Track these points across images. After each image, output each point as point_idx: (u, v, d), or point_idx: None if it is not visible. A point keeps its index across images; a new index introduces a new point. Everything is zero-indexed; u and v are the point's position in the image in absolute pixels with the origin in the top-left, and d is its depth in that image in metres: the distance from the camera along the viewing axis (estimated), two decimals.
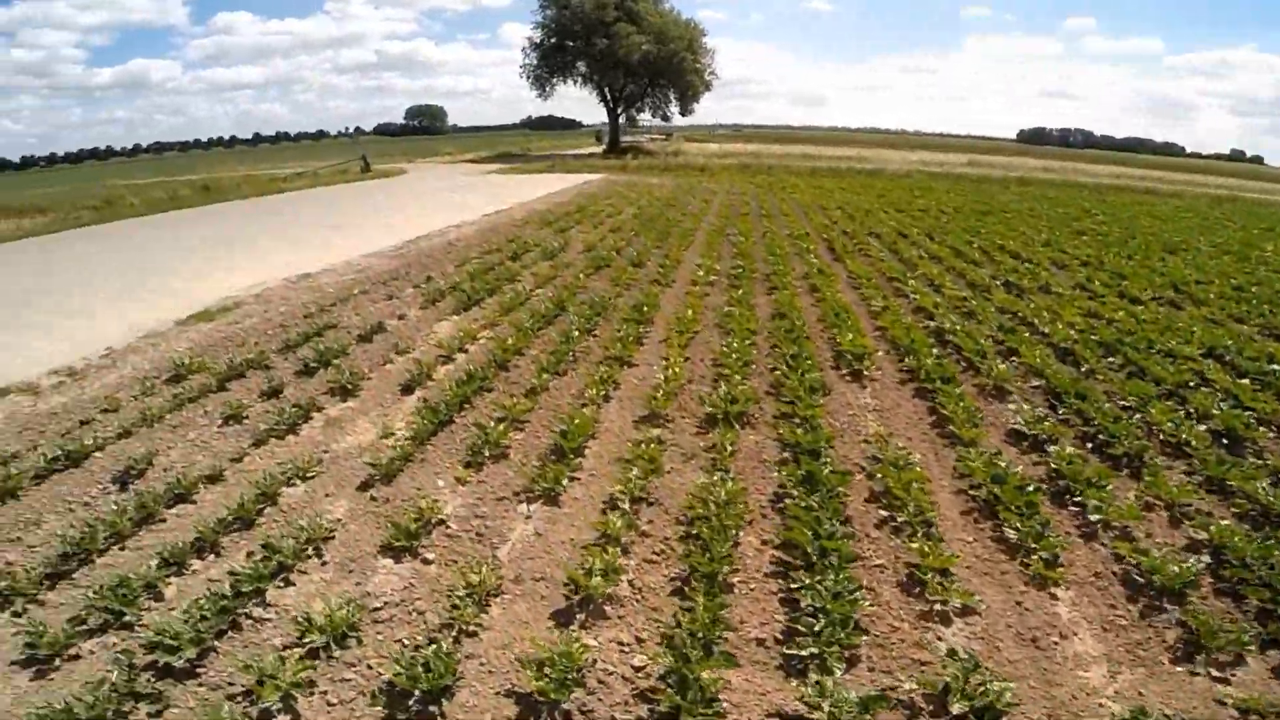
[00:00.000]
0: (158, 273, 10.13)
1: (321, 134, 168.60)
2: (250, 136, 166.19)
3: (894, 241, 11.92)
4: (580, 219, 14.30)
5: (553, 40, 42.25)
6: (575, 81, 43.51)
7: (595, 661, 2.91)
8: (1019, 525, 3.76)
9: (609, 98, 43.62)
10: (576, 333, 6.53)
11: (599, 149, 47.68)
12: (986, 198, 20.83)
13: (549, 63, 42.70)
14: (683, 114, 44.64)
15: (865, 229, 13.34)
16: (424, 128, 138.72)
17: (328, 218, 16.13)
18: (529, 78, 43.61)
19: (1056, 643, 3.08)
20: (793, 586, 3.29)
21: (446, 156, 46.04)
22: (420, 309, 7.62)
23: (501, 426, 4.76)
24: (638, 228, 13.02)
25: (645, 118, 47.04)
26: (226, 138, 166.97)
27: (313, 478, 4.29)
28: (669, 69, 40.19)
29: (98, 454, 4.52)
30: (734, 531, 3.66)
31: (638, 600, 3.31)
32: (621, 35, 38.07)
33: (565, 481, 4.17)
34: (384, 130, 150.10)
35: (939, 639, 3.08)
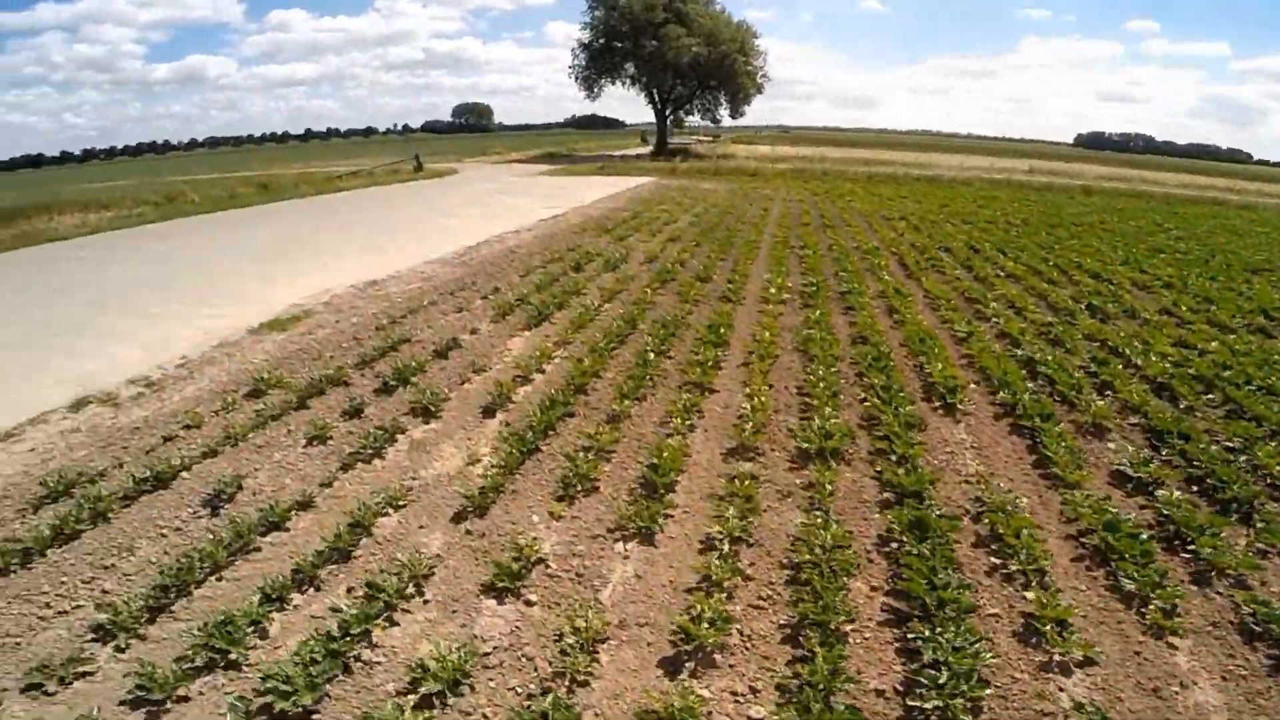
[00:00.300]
0: (225, 276, 10.29)
1: (371, 131, 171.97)
2: (302, 132, 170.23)
3: (967, 257, 11.53)
4: (637, 226, 14.17)
5: (601, 41, 42.25)
6: (623, 83, 43.53)
7: (712, 714, 2.80)
8: (1135, 574, 3.58)
9: (657, 100, 43.50)
10: (652, 355, 6.38)
11: (645, 150, 47.63)
12: (1053, 209, 20.14)
13: (597, 64, 42.71)
14: (733, 116, 44.42)
15: (934, 242, 12.95)
16: (471, 125, 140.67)
17: (386, 220, 16.30)
18: (578, 79, 43.77)
19: (1177, 693, 2.97)
20: (908, 636, 3.17)
21: (495, 156, 46.44)
22: (491, 323, 7.55)
23: (589, 457, 4.63)
24: (698, 237, 12.83)
25: (694, 120, 46.82)
26: (279, 133, 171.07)
27: (404, 507, 4.21)
28: (719, 71, 39.85)
29: (185, 474, 4.50)
30: (843, 577, 3.51)
31: (748, 648, 3.19)
32: (671, 37, 37.86)
33: (660, 520, 4.04)
34: (431, 128, 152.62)
35: (1060, 690, 2.96)
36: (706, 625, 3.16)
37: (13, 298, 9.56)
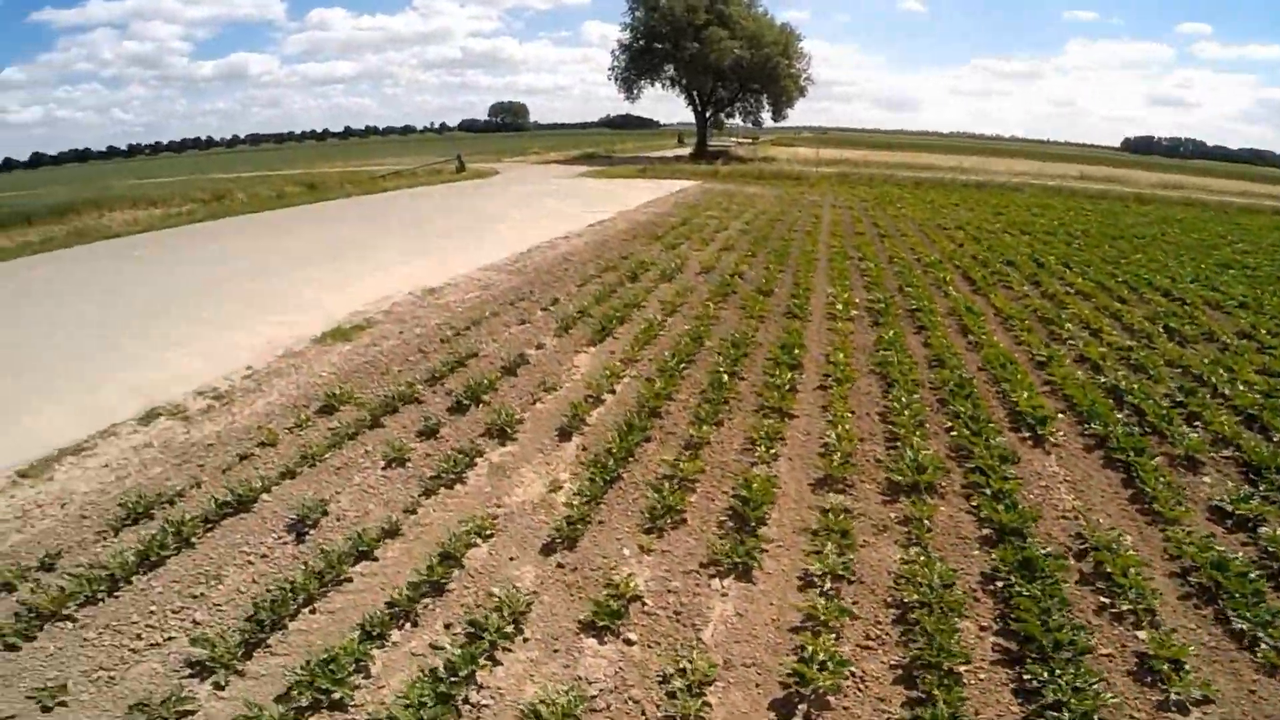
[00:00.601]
0: (281, 280, 10.37)
1: (409, 129, 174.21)
2: (342, 130, 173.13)
3: (1032, 272, 11.16)
4: (687, 234, 14.01)
5: (640, 43, 42.11)
6: (663, 84, 43.37)
7: None
8: (1246, 613, 3.48)
9: (697, 102, 43.23)
10: (725, 376, 6.22)
11: (682, 151, 47.40)
12: (1110, 219, 19.52)
13: (637, 65, 42.58)
14: (775, 119, 44.02)
15: (996, 255, 12.57)
16: (507, 124, 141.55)
17: (435, 223, 16.35)
18: (617, 80, 43.69)
19: None
20: (1024, 677, 3.09)
21: (534, 156, 46.59)
22: (555, 337, 7.45)
23: (673, 487, 4.51)
24: (751, 246, 12.62)
25: (734, 121, 46.46)
26: (319, 130, 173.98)
27: (491, 537, 4.11)
28: (762, 74, 39.45)
29: (265, 496, 4.44)
30: (953, 617, 3.38)
31: (860, 690, 3.10)
32: (713, 39, 37.56)
33: (756, 555, 3.90)
34: (469, 126, 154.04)
35: None
36: (818, 667, 3.07)
37: (74, 298, 9.71)
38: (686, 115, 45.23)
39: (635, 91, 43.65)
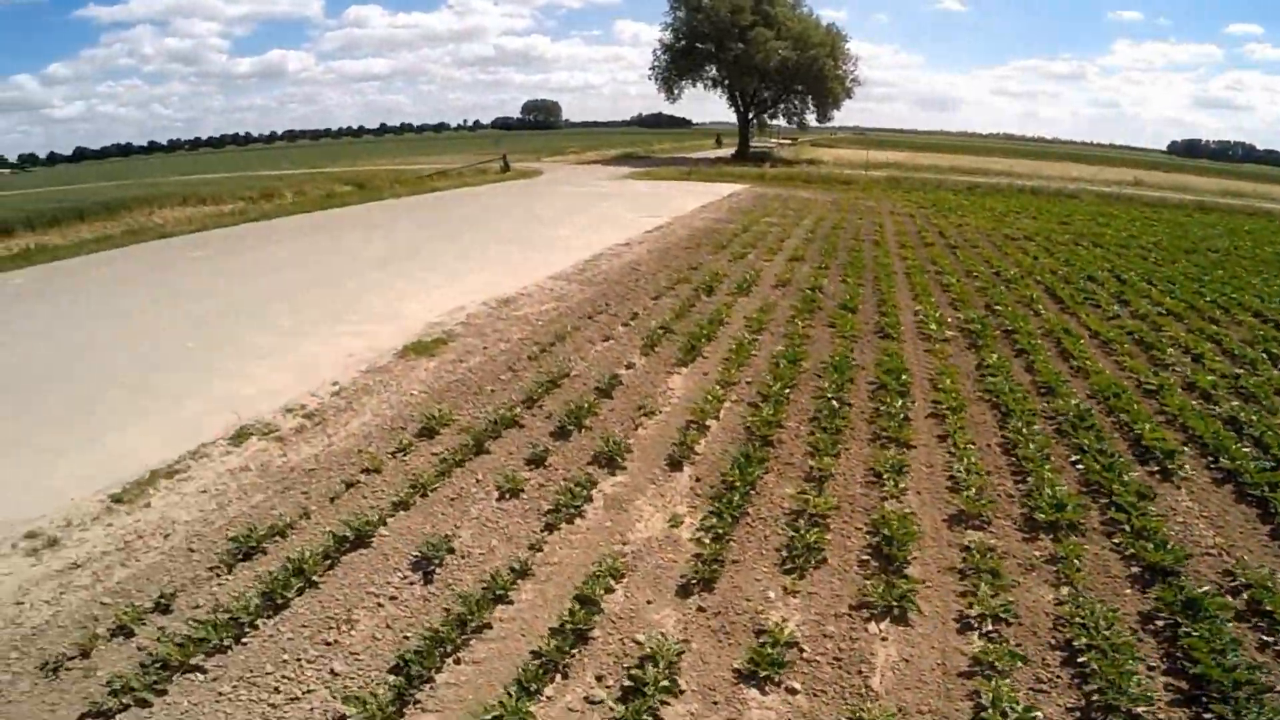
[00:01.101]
0: (348, 285, 10.36)
1: (443, 126, 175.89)
2: (377, 127, 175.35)
3: (1117, 290, 10.69)
4: (751, 242, 13.75)
5: (682, 43, 41.79)
6: (705, 85, 43.02)
7: None
8: None
9: (741, 103, 42.82)
10: (835, 402, 6.00)
11: (721, 152, 47.02)
12: (1178, 230, 18.82)
13: (678, 65, 42.28)
14: (820, 121, 43.45)
15: (1074, 269, 12.11)
16: (539, 123, 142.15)
17: (491, 227, 16.30)
18: (657, 79, 43.42)
19: None
20: (1205, 717, 3.02)
21: (572, 155, 46.62)
22: (642, 355, 7.26)
23: (809, 525, 4.31)
24: (821, 258, 12.32)
25: (779, 122, 45.90)
26: (355, 127, 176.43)
27: (623, 577, 3.93)
28: (808, 75, 38.88)
29: (383, 530, 4.30)
30: (1123, 658, 3.23)
31: None
32: (758, 40, 37.11)
33: (910, 596, 3.73)
34: (501, 124, 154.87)
35: None
36: (1000, 714, 2.96)
37: (141, 302, 9.72)
38: (719, 115, 45.14)
39: (676, 92, 43.40)
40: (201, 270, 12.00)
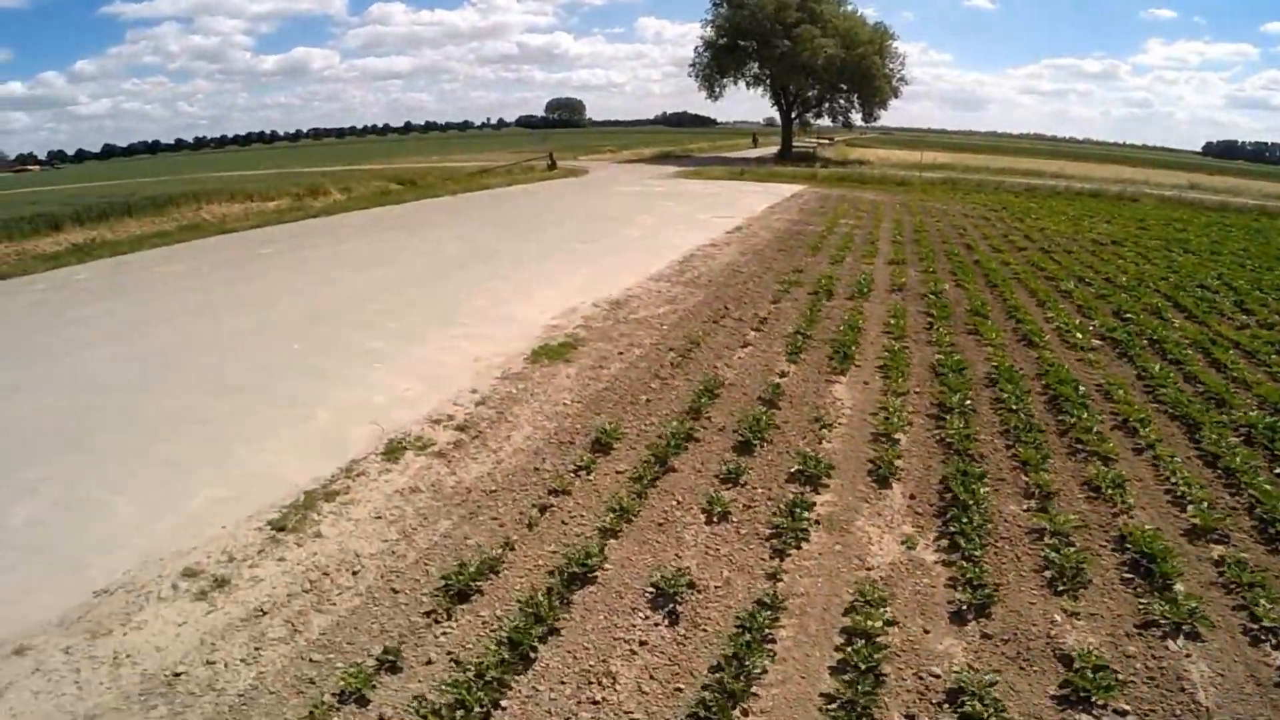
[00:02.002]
0: (442, 285, 10.07)
1: (466, 124, 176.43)
2: (402, 125, 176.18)
3: (1236, 297, 10.06)
4: (842, 244, 13.26)
5: (724, 40, 41.32)
6: (746, 83, 42.50)
7: None
8: None
9: (784, 101, 42.27)
10: (1021, 414, 5.59)
11: (760, 152, 46.50)
12: (1258, 237, 18.01)
13: (720, 63, 41.82)
14: (865, 120, 42.82)
15: (1183, 276, 11.42)
16: (564, 121, 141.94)
17: (561, 225, 15.93)
18: (698, 77, 42.97)
19: None
20: None
21: (607, 154, 46.27)
22: (789, 362, 6.83)
23: (1063, 544, 3.97)
24: (922, 262, 11.81)
25: (824, 121, 45.33)
26: (379, 125, 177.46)
27: (885, 605, 3.53)
28: (856, 74, 38.29)
29: (606, 565, 3.87)
30: None
31: None
32: (805, 38, 36.56)
33: (1200, 615, 3.46)
34: (525, 122, 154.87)
35: None
36: None
37: (226, 299, 9.45)
38: (743, 114, 44.82)
39: (717, 89, 42.90)
40: (276, 268, 11.72)
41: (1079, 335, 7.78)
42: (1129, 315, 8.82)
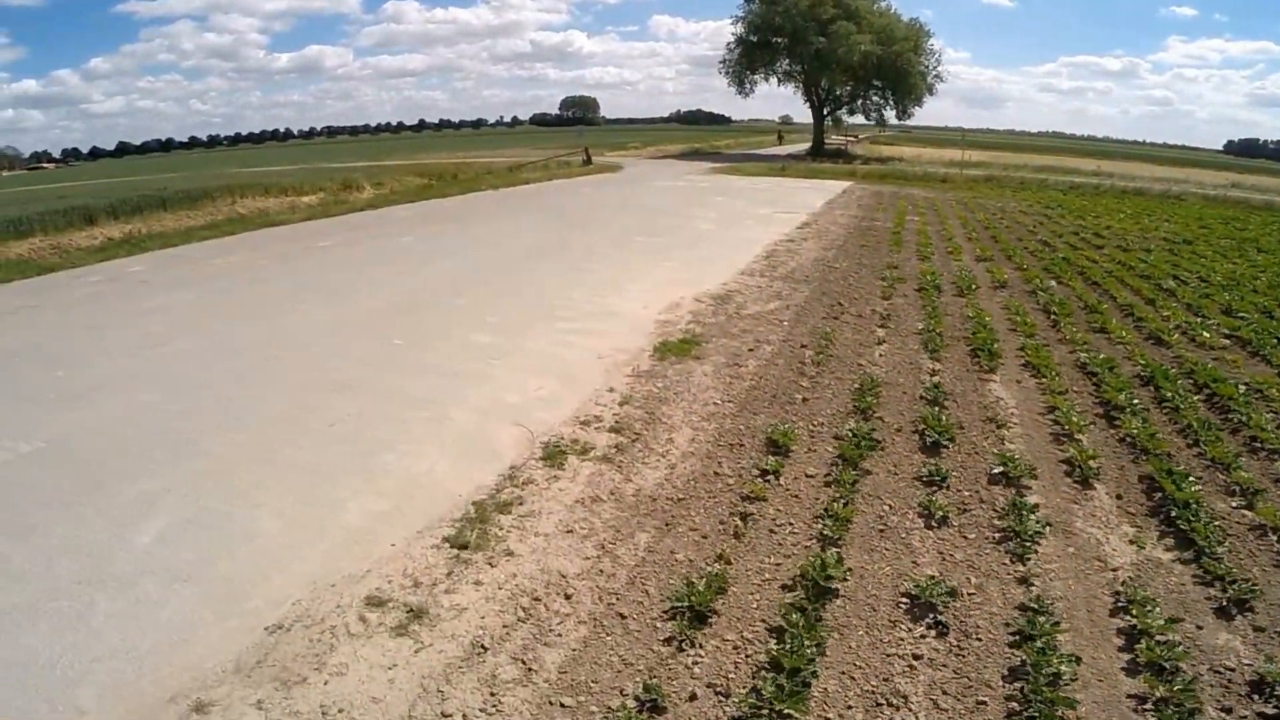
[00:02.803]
0: (525, 278, 9.89)
1: (480, 122, 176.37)
2: (415, 123, 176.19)
3: None
4: (921, 240, 12.99)
5: (754, 37, 41.07)
6: (777, 79, 42.26)
7: None
8: None
9: (817, 98, 42.00)
10: (1195, 412, 5.42)
11: (789, 149, 46.24)
12: None
13: (751, 59, 41.58)
14: (899, 118, 42.54)
15: (1268, 275, 11.24)
16: (578, 119, 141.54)
17: (618, 219, 15.68)
18: (728, 73, 42.74)
19: None
20: None
21: (633, 150, 46.12)
22: (930, 359, 6.64)
23: None
24: (1007, 258, 11.61)
25: (858, 119, 45.08)
26: (393, 124, 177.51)
27: (1151, 605, 3.33)
28: (892, 70, 37.99)
29: (844, 579, 3.59)
30: None
31: None
32: (841, 34, 36.28)
33: None
34: (540, 121, 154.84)
35: None
36: None
37: (293, 290, 9.26)
38: (759, 112, 44.65)
39: (748, 86, 42.71)
40: (339, 260, 11.48)
41: (1205, 334, 7.56)
42: (1242, 315, 8.59)
